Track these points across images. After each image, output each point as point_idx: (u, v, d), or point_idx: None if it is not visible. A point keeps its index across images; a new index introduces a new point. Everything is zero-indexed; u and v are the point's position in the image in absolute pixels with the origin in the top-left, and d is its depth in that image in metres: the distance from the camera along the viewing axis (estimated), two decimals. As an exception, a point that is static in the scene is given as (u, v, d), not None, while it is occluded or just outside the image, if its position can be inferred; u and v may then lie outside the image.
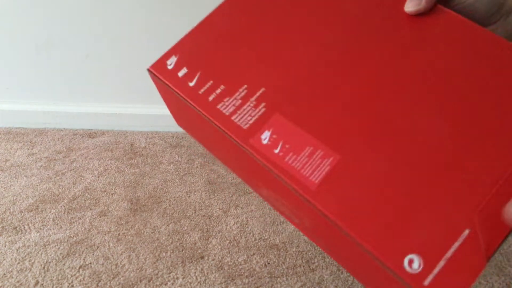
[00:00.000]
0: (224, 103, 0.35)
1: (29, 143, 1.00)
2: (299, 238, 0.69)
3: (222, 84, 0.36)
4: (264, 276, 0.61)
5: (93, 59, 1.04)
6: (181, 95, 0.36)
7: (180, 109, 0.41)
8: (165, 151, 1.00)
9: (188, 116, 0.41)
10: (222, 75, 0.37)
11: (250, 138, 0.34)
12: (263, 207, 0.78)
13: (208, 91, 0.36)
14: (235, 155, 0.39)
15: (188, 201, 0.79)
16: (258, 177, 0.38)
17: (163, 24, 0.99)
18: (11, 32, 1.00)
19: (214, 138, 0.40)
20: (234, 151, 0.37)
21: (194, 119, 0.40)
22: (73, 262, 0.63)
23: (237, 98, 0.35)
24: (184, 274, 0.61)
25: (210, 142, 0.45)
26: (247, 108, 0.35)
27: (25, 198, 0.78)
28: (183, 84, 0.36)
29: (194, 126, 0.45)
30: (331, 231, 0.33)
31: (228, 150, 0.40)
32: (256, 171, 0.36)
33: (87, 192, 0.81)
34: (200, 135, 0.46)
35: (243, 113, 0.35)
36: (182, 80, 0.36)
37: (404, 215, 0.31)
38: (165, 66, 0.37)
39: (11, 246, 0.65)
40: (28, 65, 1.04)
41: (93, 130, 1.10)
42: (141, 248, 0.66)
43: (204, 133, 0.43)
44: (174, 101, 0.39)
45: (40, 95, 1.08)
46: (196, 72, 0.37)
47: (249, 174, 0.40)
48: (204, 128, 0.39)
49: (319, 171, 0.33)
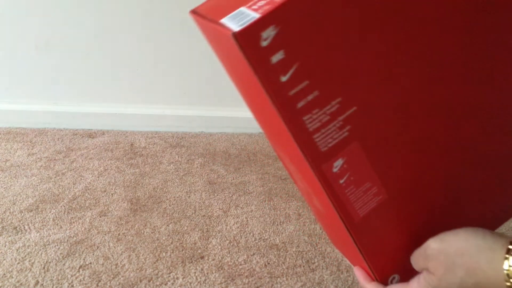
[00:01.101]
0: (311, 116, 0.29)
1: (29, 143, 1.00)
2: (299, 238, 0.69)
3: (317, 90, 0.29)
4: (264, 276, 0.61)
5: (93, 59, 1.04)
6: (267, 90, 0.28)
7: (250, 89, 0.32)
8: (165, 151, 0.99)
9: (258, 104, 0.33)
10: (321, 76, 0.28)
11: (324, 163, 0.31)
12: (263, 207, 0.78)
13: (299, 94, 0.28)
14: (297, 166, 0.36)
15: (188, 201, 0.79)
16: (312, 191, 0.37)
17: (163, 24, 0.99)
18: (11, 32, 1.00)
19: (281, 141, 0.35)
20: (298, 164, 0.34)
21: (265, 110, 0.32)
22: (73, 262, 0.62)
23: (326, 113, 0.29)
24: (184, 274, 0.61)
25: (272, 135, 0.39)
26: (332, 128, 0.30)
27: (25, 198, 0.78)
28: (274, 76, 0.27)
29: (260, 112, 0.36)
30: (347, 238, 0.36)
31: (290, 158, 0.36)
32: (313, 187, 0.35)
33: (87, 192, 0.81)
34: (263, 122, 0.38)
35: (326, 132, 0.30)
36: (274, 70, 0.27)
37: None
38: (258, 39, 0.26)
39: (11, 246, 0.65)
40: (28, 65, 1.04)
41: (93, 130, 1.10)
42: (141, 248, 0.66)
43: (271, 128, 0.36)
44: (246, 78, 0.30)
45: (40, 95, 1.08)
46: (293, 63, 0.27)
47: (303, 184, 0.39)
48: (274, 126, 0.32)
49: (367, 207, 0.34)
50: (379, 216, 0.35)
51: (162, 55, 1.03)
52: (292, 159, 0.36)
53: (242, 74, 0.31)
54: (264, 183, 0.87)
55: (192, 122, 1.12)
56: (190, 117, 1.11)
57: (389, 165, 0.33)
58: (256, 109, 0.37)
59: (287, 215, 0.76)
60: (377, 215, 0.34)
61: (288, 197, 0.82)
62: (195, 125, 1.12)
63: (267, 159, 0.98)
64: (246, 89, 0.35)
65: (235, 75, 0.36)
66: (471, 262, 0.29)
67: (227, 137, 1.09)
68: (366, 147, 0.31)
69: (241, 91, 0.38)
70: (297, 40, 0.26)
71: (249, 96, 0.37)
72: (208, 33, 0.34)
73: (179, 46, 1.01)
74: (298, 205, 0.79)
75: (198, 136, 1.09)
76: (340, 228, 0.35)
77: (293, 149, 0.32)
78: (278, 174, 0.91)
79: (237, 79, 0.37)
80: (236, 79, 0.37)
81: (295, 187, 0.85)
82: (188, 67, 1.05)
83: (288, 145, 0.32)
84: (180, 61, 1.04)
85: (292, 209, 0.77)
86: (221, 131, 1.13)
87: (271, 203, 0.80)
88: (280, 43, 0.26)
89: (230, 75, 0.39)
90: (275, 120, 0.30)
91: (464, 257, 0.30)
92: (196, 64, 1.05)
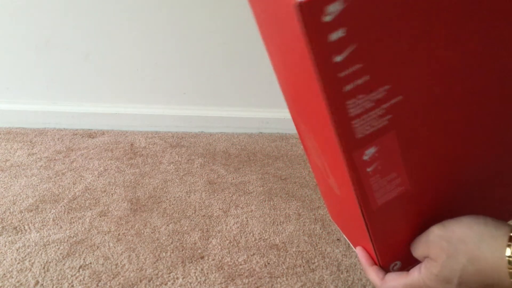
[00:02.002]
0: (355, 101, 0.28)
1: (29, 143, 1.00)
2: (299, 238, 0.69)
3: (368, 74, 0.27)
4: (264, 276, 0.61)
5: (93, 59, 1.04)
6: (317, 68, 0.25)
7: (292, 58, 0.30)
8: (165, 151, 0.99)
9: (295, 74, 0.31)
10: (375, 61, 0.26)
11: (355, 151, 0.30)
12: (263, 207, 0.78)
13: (349, 77, 0.26)
14: (322, 146, 0.34)
15: (188, 201, 0.79)
16: (332, 172, 0.36)
17: (163, 24, 0.99)
18: (11, 32, 1.00)
19: (311, 118, 0.33)
20: (324, 144, 0.33)
21: (303, 83, 0.30)
22: (73, 262, 0.62)
23: (371, 99, 0.28)
24: (184, 274, 0.61)
25: (299, 108, 0.36)
26: (373, 115, 0.29)
27: (25, 198, 0.78)
28: (328, 55, 0.25)
29: (293, 82, 0.34)
30: (358, 222, 0.36)
31: (315, 136, 0.34)
32: (335, 169, 0.34)
33: (87, 192, 0.81)
34: (292, 91, 0.36)
35: (366, 119, 0.29)
36: (330, 48, 0.25)
37: None
38: (322, 13, 0.23)
39: (11, 246, 0.65)
40: (28, 65, 1.04)
41: (93, 130, 1.10)
42: (141, 248, 0.66)
43: (302, 101, 0.34)
44: (292, 47, 0.27)
45: (40, 95, 1.08)
46: (351, 43, 0.25)
47: (320, 160, 0.37)
48: (310, 102, 0.30)
49: (387, 196, 0.34)
50: (397, 206, 0.35)
51: (162, 55, 1.03)
52: (317, 137, 0.34)
53: (287, 42, 0.29)
54: (264, 183, 0.87)
55: (192, 122, 1.12)
56: (190, 117, 1.11)
57: (419, 158, 0.33)
58: (288, 77, 0.35)
59: (287, 215, 0.76)
60: (395, 205, 0.35)
61: (288, 197, 0.82)
62: (195, 125, 1.12)
63: (267, 159, 0.98)
64: (283, 54, 0.32)
65: (274, 38, 0.33)
66: (474, 249, 0.29)
67: (227, 137, 1.09)
68: (401, 138, 0.31)
69: (275, 54, 0.36)
70: (360, 19, 0.24)
71: (284, 63, 0.34)
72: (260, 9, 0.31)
73: (179, 46, 1.01)
74: (298, 205, 0.79)
75: (198, 136, 1.09)
76: (354, 212, 0.35)
77: (324, 130, 0.30)
78: (278, 174, 0.91)
79: (274, 43, 0.34)
80: (273, 41, 0.34)
81: (295, 187, 0.85)
82: (188, 67, 1.05)
83: (320, 124, 0.31)
84: (180, 61, 1.04)
85: (292, 209, 0.77)
86: (221, 131, 1.13)
87: (271, 203, 0.80)
88: (343, 20, 0.24)
89: (264, 35, 0.36)
90: (315, 98, 0.28)
91: (467, 244, 0.30)
92: (196, 64, 1.05)
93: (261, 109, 1.12)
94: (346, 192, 0.35)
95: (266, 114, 1.13)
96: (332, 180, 0.39)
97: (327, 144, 0.32)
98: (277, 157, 0.99)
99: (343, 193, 0.37)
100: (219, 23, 0.98)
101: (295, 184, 0.87)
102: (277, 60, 0.36)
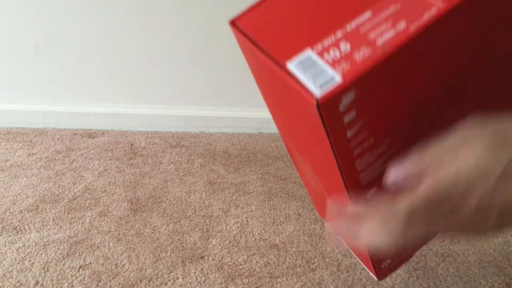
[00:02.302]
0: (362, 160, 0.31)
1: (29, 143, 1.00)
2: (299, 238, 0.69)
3: (372, 137, 0.29)
4: (264, 276, 0.61)
5: (93, 59, 1.04)
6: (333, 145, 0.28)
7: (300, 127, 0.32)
8: (165, 151, 0.99)
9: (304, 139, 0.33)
10: (378, 127, 0.29)
11: (362, 193, 0.33)
12: (263, 207, 0.78)
13: (357, 144, 0.29)
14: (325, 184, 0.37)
15: (188, 201, 0.79)
16: (329, 194, 0.38)
17: (163, 24, 0.99)
18: (11, 32, 1.00)
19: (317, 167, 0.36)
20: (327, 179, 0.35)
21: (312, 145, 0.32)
22: (73, 262, 0.62)
23: (374, 154, 0.31)
24: (184, 274, 0.61)
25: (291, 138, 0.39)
26: (376, 164, 0.32)
27: (25, 198, 0.78)
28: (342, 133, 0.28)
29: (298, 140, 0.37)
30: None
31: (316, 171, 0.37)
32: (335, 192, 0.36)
33: (87, 192, 0.81)
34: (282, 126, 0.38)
35: (370, 169, 0.32)
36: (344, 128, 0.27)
37: None
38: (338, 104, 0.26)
39: (11, 246, 0.65)
40: (28, 65, 1.04)
41: (93, 130, 1.10)
42: (141, 248, 0.66)
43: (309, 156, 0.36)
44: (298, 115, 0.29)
45: (40, 95, 1.08)
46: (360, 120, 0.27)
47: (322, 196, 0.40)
48: (319, 161, 0.33)
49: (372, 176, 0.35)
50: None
51: (162, 55, 1.03)
52: (319, 174, 0.38)
53: (295, 111, 0.31)
54: (264, 183, 0.87)
55: (192, 122, 1.12)
56: (190, 117, 1.11)
57: None
58: (287, 122, 0.37)
59: (287, 215, 0.76)
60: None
61: (288, 197, 0.82)
62: (195, 125, 1.12)
63: (267, 159, 0.98)
64: (285, 111, 0.34)
65: (280, 107, 0.36)
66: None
67: (227, 137, 1.09)
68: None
69: (269, 97, 0.38)
70: (367, 101, 0.27)
71: (283, 113, 0.36)
72: (256, 63, 0.32)
73: (179, 46, 1.01)
74: (298, 205, 0.79)
75: (198, 136, 1.09)
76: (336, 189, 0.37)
77: (330, 175, 0.33)
78: (278, 174, 0.91)
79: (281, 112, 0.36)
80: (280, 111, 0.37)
81: (295, 187, 0.85)
82: (188, 67, 1.05)
83: (325, 170, 0.33)
84: (180, 61, 1.04)
85: (292, 209, 0.77)
86: (221, 131, 1.13)
87: (271, 203, 0.80)
88: (354, 105, 0.26)
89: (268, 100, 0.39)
90: (324, 155, 0.31)
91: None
92: (196, 64, 1.05)
93: (261, 109, 1.12)
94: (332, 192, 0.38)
95: (266, 114, 1.13)
96: (325, 193, 0.41)
97: (330, 181, 0.35)
98: (277, 157, 0.99)
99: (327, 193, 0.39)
100: (219, 23, 0.98)
101: (295, 184, 0.87)
102: (273, 104, 0.38)
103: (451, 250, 0.66)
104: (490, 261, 0.64)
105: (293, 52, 0.27)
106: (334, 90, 0.25)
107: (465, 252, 0.66)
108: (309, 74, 0.26)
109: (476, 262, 0.64)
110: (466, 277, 0.61)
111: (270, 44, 0.29)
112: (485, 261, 0.64)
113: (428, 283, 0.59)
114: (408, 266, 0.62)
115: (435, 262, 0.63)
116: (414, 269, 0.62)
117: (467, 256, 0.65)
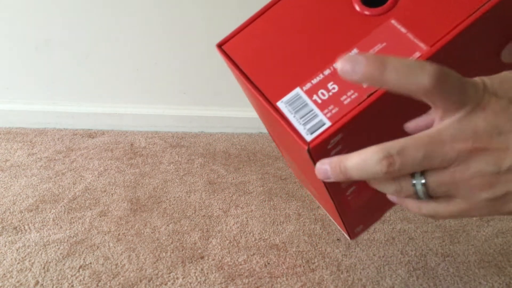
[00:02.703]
0: (351, 188, 0.35)
1: (29, 143, 1.00)
2: (299, 238, 0.69)
3: None
4: (264, 276, 0.61)
5: (93, 59, 1.04)
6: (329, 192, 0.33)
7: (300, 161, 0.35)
8: (165, 151, 0.99)
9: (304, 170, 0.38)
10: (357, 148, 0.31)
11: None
12: (263, 207, 0.78)
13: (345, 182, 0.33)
14: (322, 196, 0.40)
15: (188, 201, 0.79)
16: (327, 207, 0.46)
17: (163, 24, 0.99)
18: (11, 32, 1.00)
19: (319, 192, 0.41)
20: (324, 199, 0.39)
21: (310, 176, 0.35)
22: (73, 262, 0.62)
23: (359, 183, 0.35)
24: (184, 274, 0.61)
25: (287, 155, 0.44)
26: (362, 189, 0.36)
27: (25, 198, 0.78)
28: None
29: (298, 167, 0.41)
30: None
31: (319, 192, 0.41)
32: (330, 208, 0.41)
33: (87, 192, 0.81)
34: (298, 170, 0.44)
35: (357, 195, 0.37)
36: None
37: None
38: (327, 145, 0.28)
39: (11, 246, 0.65)
40: (28, 65, 1.04)
41: (93, 130, 1.10)
42: (141, 248, 0.66)
43: (310, 180, 0.41)
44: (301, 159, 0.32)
45: (40, 95, 1.08)
46: (344, 151, 0.29)
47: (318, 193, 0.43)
48: (317, 187, 0.37)
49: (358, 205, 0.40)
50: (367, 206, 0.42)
51: (162, 55, 1.03)
52: (317, 190, 0.43)
53: (294, 151, 0.33)
54: (264, 183, 0.87)
55: (192, 122, 1.12)
56: (190, 117, 1.11)
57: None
58: (288, 152, 0.41)
59: (287, 215, 0.76)
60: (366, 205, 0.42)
61: (288, 197, 0.82)
62: (195, 125, 1.12)
63: (267, 159, 0.98)
64: (284, 142, 0.37)
65: (281, 141, 0.39)
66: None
67: (227, 137, 1.09)
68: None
69: (268, 125, 0.41)
70: (353, 136, 0.29)
71: (283, 143, 0.39)
72: (248, 91, 0.34)
73: (179, 46, 1.01)
74: (298, 205, 0.79)
75: (198, 136, 1.09)
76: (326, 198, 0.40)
77: (326, 197, 0.36)
78: (278, 174, 0.91)
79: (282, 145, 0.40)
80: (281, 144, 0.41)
81: (295, 187, 0.85)
82: (188, 67, 1.05)
83: (323, 194, 0.37)
84: (180, 61, 1.04)
85: (292, 209, 0.77)
86: (221, 131, 1.13)
87: (271, 203, 0.80)
88: (341, 141, 0.28)
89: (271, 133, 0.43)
90: (320, 186, 0.34)
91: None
92: (196, 64, 1.05)
93: (261, 109, 1.12)
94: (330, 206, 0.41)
95: (266, 114, 1.13)
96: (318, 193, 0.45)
97: (326, 199, 0.39)
98: (277, 157, 0.99)
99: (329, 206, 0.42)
100: (220, 23, 0.98)
101: (295, 184, 0.87)
102: (273, 131, 0.41)
103: (451, 250, 0.66)
104: (490, 261, 0.64)
105: (283, 91, 0.29)
106: (323, 135, 0.27)
107: (465, 252, 0.66)
108: (299, 116, 0.28)
109: (476, 262, 0.64)
110: (466, 277, 0.61)
111: (261, 80, 0.30)
112: (485, 261, 0.64)
113: (428, 283, 0.59)
114: (408, 266, 0.62)
115: (435, 262, 0.63)
116: (414, 269, 0.62)
117: (467, 256, 0.65)
